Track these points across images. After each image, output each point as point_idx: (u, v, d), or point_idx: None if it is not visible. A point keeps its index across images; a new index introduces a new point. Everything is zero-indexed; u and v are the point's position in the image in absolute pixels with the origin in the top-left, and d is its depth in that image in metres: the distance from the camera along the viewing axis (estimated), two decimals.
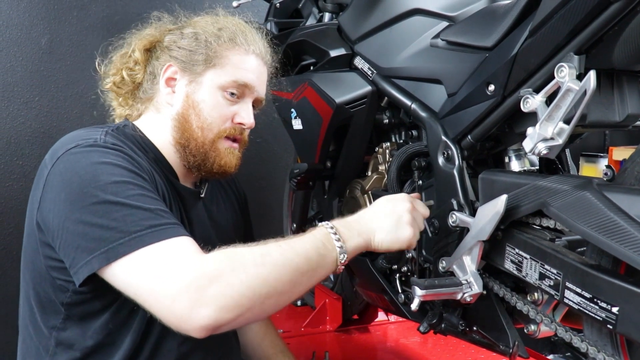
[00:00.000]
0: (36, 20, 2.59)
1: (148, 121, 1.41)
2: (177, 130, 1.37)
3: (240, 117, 1.39)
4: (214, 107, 1.36)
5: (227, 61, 1.36)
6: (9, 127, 2.56)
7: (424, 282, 1.23)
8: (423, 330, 1.42)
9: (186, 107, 1.36)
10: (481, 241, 1.21)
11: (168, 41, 1.40)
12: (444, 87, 1.36)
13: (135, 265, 1.08)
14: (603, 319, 0.97)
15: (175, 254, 1.08)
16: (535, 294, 1.20)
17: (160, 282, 1.06)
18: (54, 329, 1.27)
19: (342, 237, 1.20)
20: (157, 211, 1.14)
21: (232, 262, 1.07)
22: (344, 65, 1.66)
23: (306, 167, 1.71)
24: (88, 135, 1.23)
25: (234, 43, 1.37)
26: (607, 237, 0.95)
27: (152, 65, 1.41)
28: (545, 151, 1.06)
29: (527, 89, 1.12)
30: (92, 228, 1.10)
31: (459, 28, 1.37)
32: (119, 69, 1.43)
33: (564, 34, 1.05)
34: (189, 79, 1.37)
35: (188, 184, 1.44)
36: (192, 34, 1.38)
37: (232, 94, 1.36)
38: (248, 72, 1.39)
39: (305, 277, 1.14)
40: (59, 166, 1.17)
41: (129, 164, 1.19)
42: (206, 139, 1.36)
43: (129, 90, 1.43)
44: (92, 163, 1.15)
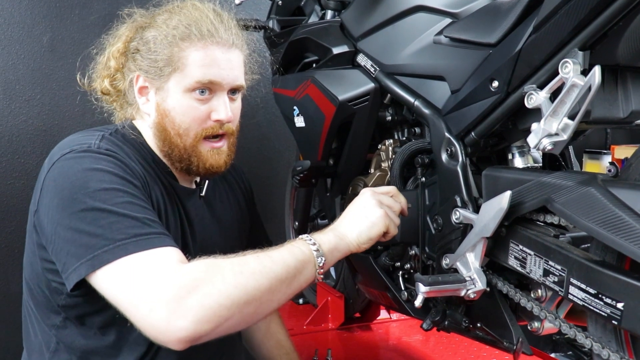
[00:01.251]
0: (38, 18, 2.59)
1: (139, 126, 1.40)
2: (158, 139, 1.36)
3: (216, 114, 1.34)
4: (185, 112, 1.32)
5: (185, 62, 1.30)
6: (11, 125, 2.56)
7: (427, 278, 1.23)
8: (426, 327, 1.42)
9: (160, 117, 1.33)
10: (485, 238, 1.21)
11: (133, 48, 1.36)
12: (447, 84, 1.36)
13: (117, 274, 1.09)
14: (608, 315, 0.97)
15: (156, 264, 1.09)
16: (539, 290, 1.20)
17: (139, 292, 1.06)
18: (54, 328, 1.28)
19: (318, 241, 1.21)
20: (144, 220, 1.14)
21: (210, 272, 1.08)
22: (346, 62, 1.65)
23: (309, 164, 1.71)
24: (83, 140, 1.23)
25: (189, 40, 1.31)
26: (611, 232, 0.95)
27: (127, 72, 1.38)
28: (549, 147, 1.06)
29: (531, 85, 1.12)
30: (80, 235, 1.11)
31: (462, 25, 1.37)
32: (102, 78, 1.41)
33: (568, 29, 1.04)
34: (156, 87, 1.33)
35: (187, 184, 1.44)
36: (152, 38, 1.33)
37: (202, 92, 1.32)
38: (211, 68, 1.32)
39: (284, 284, 1.14)
40: (53, 172, 1.18)
41: (120, 170, 1.20)
42: (186, 144, 1.34)
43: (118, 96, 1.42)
44: (83, 169, 1.16)
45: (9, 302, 2.56)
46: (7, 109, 2.55)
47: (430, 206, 1.40)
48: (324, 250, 1.20)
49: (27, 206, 2.57)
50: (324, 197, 1.86)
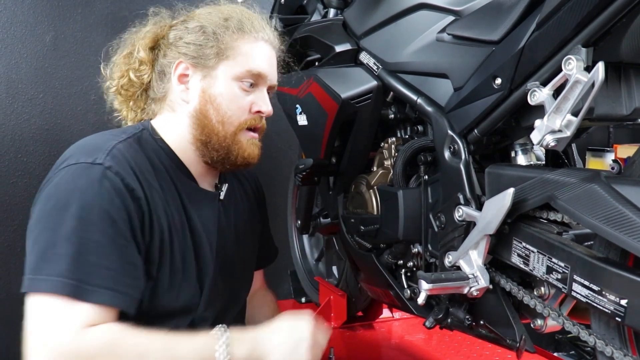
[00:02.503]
0: (41, 17, 2.59)
1: (164, 122, 1.39)
2: (196, 127, 1.36)
3: (258, 106, 1.38)
4: (231, 99, 1.35)
5: (238, 51, 1.35)
6: (14, 124, 2.56)
7: (430, 276, 1.23)
8: (429, 325, 1.41)
9: (203, 103, 1.34)
10: (488, 235, 1.20)
11: (173, 37, 1.38)
12: (450, 82, 1.36)
13: (37, 307, 1.11)
14: (611, 312, 0.96)
15: (68, 319, 1.10)
16: (542, 288, 1.20)
17: (36, 338, 1.09)
18: None
19: (233, 349, 1.19)
20: (98, 267, 1.14)
21: (103, 354, 1.09)
22: (349, 60, 1.65)
23: (311, 162, 1.71)
24: (93, 150, 1.23)
25: (242, 32, 1.36)
26: (615, 229, 0.95)
27: (160, 63, 1.39)
28: (553, 143, 1.06)
29: (534, 82, 1.12)
30: (38, 252, 1.14)
31: (465, 22, 1.37)
32: (125, 70, 1.41)
33: (572, 26, 1.04)
34: (202, 73, 1.35)
35: (207, 186, 1.43)
36: (198, 27, 1.35)
37: (249, 84, 1.36)
38: (260, 61, 1.38)
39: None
40: (55, 179, 1.20)
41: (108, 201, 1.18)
42: (228, 133, 1.36)
43: (138, 92, 1.41)
44: (73, 190, 1.16)
45: (11, 301, 2.55)
46: (9, 107, 2.56)
47: (433, 204, 1.40)
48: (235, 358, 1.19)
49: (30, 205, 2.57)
50: (326, 195, 1.86)
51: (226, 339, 1.18)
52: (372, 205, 1.58)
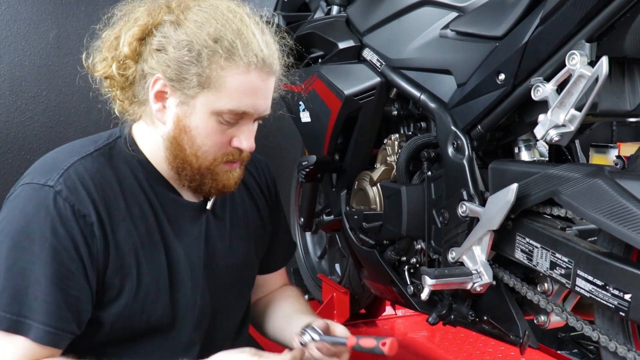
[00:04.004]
0: (44, 15, 2.60)
1: (142, 131, 1.29)
2: (169, 152, 1.24)
3: (238, 142, 1.24)
4: (208, 134, 1.21)
5: (223, 84, 1.17)
6: (17, 122, 2.57)
7: (434, 271, 1.23)
8: (432, 321, 1.42)
9: (177, 131, 1.21)
10: (491, 231, 1.20)
11: (157, 43, 1.18)
12: (453, 78, 1.36)
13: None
14: (615, 307, 0.96)
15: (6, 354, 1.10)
16: (546, 284, 1.20)
17: None
18: None
19: None
20: (40, 302, 1.12)
21: None
22: (352, 57, 1.65)
23: (314, 159, 1.71)
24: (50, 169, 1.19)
25: (232, 60, 1.16)
26: (619, 223, 0.95)
27: (142, 65, 1.21)
28: (557, 138, 1.06)
29: (538, 78, 1.12)
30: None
31: (468, 18, 1.37)
32: (110, 59, 1.23)
33: (575, 21, 1.04)
34: (180, 99, 1.19)
35: (192, 197, 1.34)
36: (184, 43, 1.16)
37: (230, 120, 1.21)
38: (248, 97, 1.20)
39: None
40: (10, 196, 1.19)
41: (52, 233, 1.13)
42: (202, 166, 1.24)
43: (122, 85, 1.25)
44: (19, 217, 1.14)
45: None
46: (13, 105, 2.56)
47: (437, 200, 1.40)
48: None
49: None
50: (329, 192, 1.86)
51: None
52: (375, 202, 1.58)
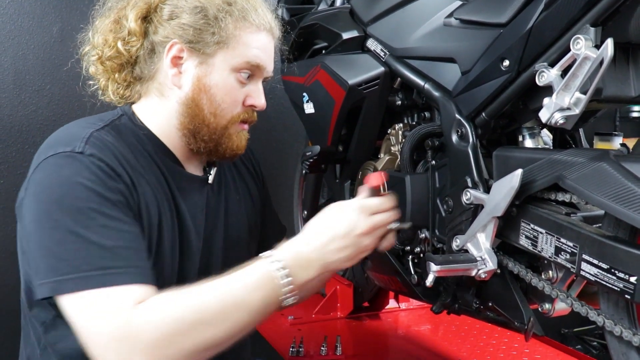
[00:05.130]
0: (48, 9, 2.60)
1: (148, 105, 1.32)
2: (185, 115, 1.28)
3: (252, 99, 1.32)
4: (227, 91, 1.28)
5: (238, 40, 1.27)
6: (21, 115, 2.57)
7: (438, 257, 1.23)
8: (436, 310, 1.42)
9: (197, 91, 1.27)
10: (496, 217, 1.20)
11: (168, 13, 1.26)
12: (457, 66, 1.35)
13: (76, 306, 1.08)
14: (621, 290, 0.96)
15: (114, 303, 1.06)
16: (550, 272, 1.20)
17: (94, 330, 1.05)
18: (43, 325, 1.25)
19: (295, 280, 1.14)
20: (115, 249, 1.10)
21: (165, 321, 1.05)
22: (356, 47, 1.65)
23: (318, 149, 1.71)
24: (70, 139, 1.17)
25: (245, 20, 1.27)
26: (624, 206, 0.95)
27: (150, 39, 1.28)
28: (562, 121, 1.06)
29: (543, 63, 1.12)
30: (48, 254, 1.09)
31: (472, 6, 1.37)
32: (112, 40, 1.28)
33: (580, 5, 1.04)
34: (199, 60, 1.26)
35: (194, 170, 1.38)
36: (199, 9, 1.25)
37: (247, 75, 1.29)
38: (260, 52, 1.30)
39: (245, 329, 1.12)
40: (37, 174, 1.15)
41: (100, 184, 1.13)
42: (219, 125, 1.29)
43: (123, 64, 1.31)
44: (60, 183, 1.12)
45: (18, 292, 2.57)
46: (17, 99, 2.56)
47: (441, 189, 1.40)
48: (297, 286, 1.14)
49: None
50: (333, 183, 1.86)
51: (290, 280, 1.13)
52: None
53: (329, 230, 1.20)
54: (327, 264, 1.18)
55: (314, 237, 1.20)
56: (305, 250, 1.18)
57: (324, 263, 1.18)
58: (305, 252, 1.18)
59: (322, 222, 1.22)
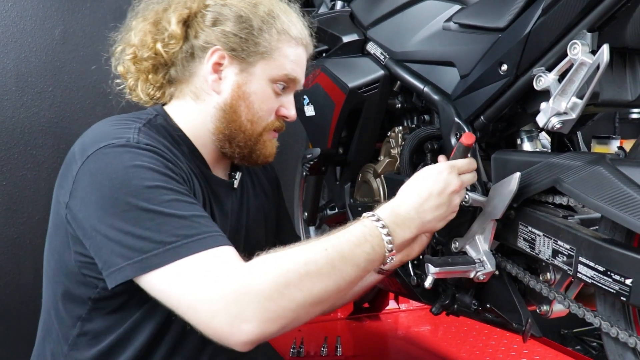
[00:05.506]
0: (50, 12, 2.61)
1: (182, 108, 1.33)
2: (222, 121, 1.30)
3: (285, 110, 1.36)
4: (264, 100, 1.31)
5: (279, 53, 1.30)
6: (23, 117, 2.58)
7: (437, 259, 1.25)
8: (436, 311, 1.43)
9: (236, 98, 1.29)
10: (494, 220, 1.22)
11: (211, 20, 1.28)
12: (456, 70, 1.37)
13: (171, 278, 1.04)
14: (616, 292, 0.98)
15: (212, 267, 1.03)
16: (548, 274, 1.21)
17: (198, 297, 1.01)
18: (79, 320, 1.23)
19: (395, 239, 1.14)
20: (193, 218, 1.09)
21: (273, 273, 1.02)
22: (356, 50, 1.67)
23: (319, 152, 1.72)
24: (120, 133, 1.16)
25: (287, 34, 1.31)
26: (620, 210, 0.96)
27: (190, 43, 1.29)
28: (558, 125, 1.07)
29: (540, 68, 1.13)
30: (125, 236, 1.06)
31: (471, 11, 1.38)
32: (151, 40, 1.30)
33: (577, 11, 1.06)
34: (239, 67, 1.29)
35: (220, 174, 1.39)
36: (242, 18, 1.27)
37: (282, 87, 1.33)
38: (296, 66, 1.34)
39: (352, 283, 1.10)
40: (89, 165, 1.12)
41: (162, 166, 1.13)
42: (254, 132, 1.32)
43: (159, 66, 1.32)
44: (124, 166, 1.10)
45: (21, 292, 2.59)
46: (19, 101, 2.57)
47: None
48: (396, 245, 1.14)
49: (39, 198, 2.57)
50: (333, 185, 1.88)
51: (391, 238, 1.13)
52: (379, 194, 1.60)
53: (425, 189, 1.20)
54: (424, 223, 1.19)
55: (411, 197, 1.20)
56: (403, 209, 1.18)
57: (421, 222, 1.18)
58: (403, 211, 1.18)
59: (417, 182, 1.23)
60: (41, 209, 2.61)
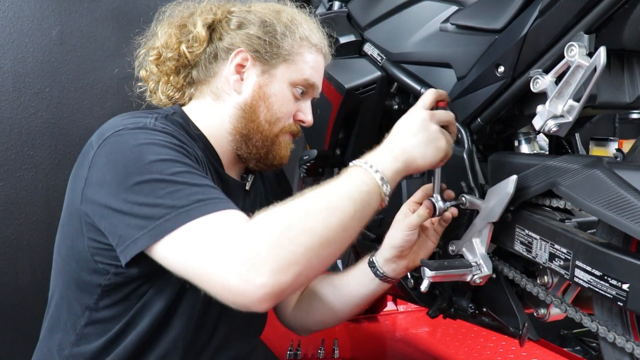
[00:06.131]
0: (47, 12, 2.60)
1: (201, 107, 1.36)
2: (240, 121, 1.33)
3: (303, 115, 1.39)
4: (283, 102, 1.34)
5: (301, 58, 1.35)
6: (20, 118, 2.57)
7: (433, 263, 1.24)
8: (432, 314, 1.42)
9: (256, 98, 1.33)
10: (491, 223, 1.21)
11: (236, 24, 1.34)
12: (453, 71, 1.36)
13: (182, 242, 1.04)
14: (613, 297, 0.97)
15: (222, 226, 1.04)
16: (545, 277, 1.20)
17: (208, 257, 1.02)
18: (87, 309, 1.24)
19: (379, 168, 1.14)
20: (205, 186, 1.10)
21: (277, 222, 1.03)
22: (353, 51, 1.66)
23: (316, 153, 1.72)
24: (137, 120, 1.19)
25: (308, 40, 1.36)
26: (617, 214, 0.95)
27: (214, 45, 1.34)
28: (555, 128, 1.06)
29: (537, 70, 1.12)
30: (139, 207, 1.07)
31: (468, 12, 1.37)
32: (176, 42, 1.35)
33: (574, 13, 1.05)
34: (261, 69, 1.33)
35: (234, 175, 1.41)
36: (267, 23, 1.33)
37: (301, 91, 1.36)
38: (316, 73, 1.38)
39: (354, 219, 1.09)
40: (105, 147, 1.15)
41: (177, 145, 1.16)
42: (271, 133, 1.35)
43: (181, 67, 1.36)
44: (138, 144, 1.12)
45: (18, 294, 2.58)
46: (16, 101, 2.57)
47: None
48: (388, 177, 1.13)
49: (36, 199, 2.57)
50: None
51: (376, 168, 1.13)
52: None
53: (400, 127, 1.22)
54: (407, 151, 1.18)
55: (391, 136, 1.21)
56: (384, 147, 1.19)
57: (403, 150, 1.17)
58: (384, 148, 1.19)
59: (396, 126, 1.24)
60: (39, 210, 2.60)
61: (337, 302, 1.46)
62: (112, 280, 1.20)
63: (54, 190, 2.64)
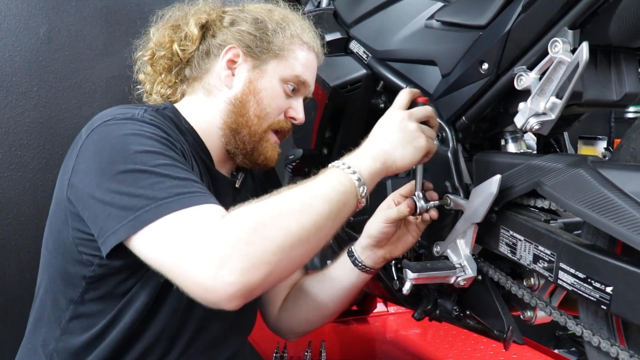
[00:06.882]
0: (35, 11, 2.58)
1: (192, 103, 1.37)
2: (230, 115, 1.34)
3: (294, 112, 1.39)
4: (273, 97, 1.35)
5: (292, 55, 1.36)
6: (8, 117, 2.55)
7: (415, 265, 1.21)
8: (417, 316, 1.39)
9: (246, 93, 1.34)
10: (475, 224, 1.19)
11: (228, 21, 1.37)
12: (438, 69, 1.34)
13: (158, 234, 1.04)
14: (597, 300, 0.94)
15: (197, 221, 1.03)
16: (532, 279, 1.18)
17: (182, 252, 1.01)
18: (72, 302, 1.23)
19: (357, 169, 1.14)
20: (187, 180, 1.09)
21: (250, 220, 1.02)
22: (339, 49, 1.63)
23: (301, 152, 1.69)
24: (126, 111, 1.20)
25: (300, 38, 1.37)
26: (601, 215, 0.93)
27: (207, 43, 1.37)
28: (537, 126, 1.04)
29: (521, 67, 1.10)
30: (121, 196, 1.06)
31: (453, 8, 1.35)
32: (168, 41, 1.37)
33: (557, 7, 1.03)
34: (252, 64, 1.35)
35: (224, 172, 1.41)
36: (259, 20, 1.36)
37: (292, 88, 1.37)
38: (307, 70, 1.39)
39: (328, 219, 1.08)
40: (92, 137, 1.15)
41: (163, 138, 1.16)
42: (259, 128, 1.35)
43: (173, 66, 1.38)
44: (124, 134, 1.13)
45: (5, 294, 2.56)
46: (3, 101, 2.54)
47: None
48: (365, 178, 1.14)
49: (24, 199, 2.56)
50: None
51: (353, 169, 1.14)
52: None
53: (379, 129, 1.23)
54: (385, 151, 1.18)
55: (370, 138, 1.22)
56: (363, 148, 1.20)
57: (382, 149, 1.18)
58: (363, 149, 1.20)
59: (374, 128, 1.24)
60: (26, 210, 2.58)
61: (321, 295, 1.47)
62: (96, 272, 1.19)
63: (42, 190, 2.62)
